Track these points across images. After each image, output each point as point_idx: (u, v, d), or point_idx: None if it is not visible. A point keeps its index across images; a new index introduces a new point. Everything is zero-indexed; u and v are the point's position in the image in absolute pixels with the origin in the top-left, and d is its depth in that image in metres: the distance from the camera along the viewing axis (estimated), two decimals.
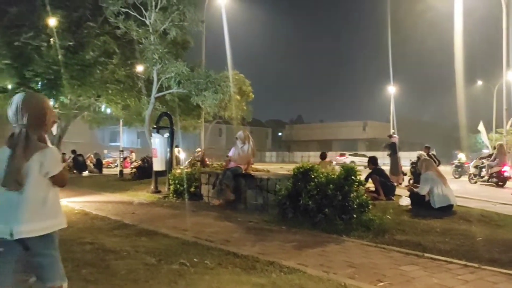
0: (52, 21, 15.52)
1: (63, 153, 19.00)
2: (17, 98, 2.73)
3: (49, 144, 2.85)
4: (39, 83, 16.20)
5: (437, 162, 13.40)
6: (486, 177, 15.39)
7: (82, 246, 4.60)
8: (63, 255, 2.95)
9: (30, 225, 2.65)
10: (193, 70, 14.12)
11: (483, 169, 15.78)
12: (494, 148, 16.44)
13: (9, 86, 16.25)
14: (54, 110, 2.97)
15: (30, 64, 15.77)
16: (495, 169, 15.12)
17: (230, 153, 9.06)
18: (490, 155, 16.17)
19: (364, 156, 34.97)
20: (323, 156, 13.76)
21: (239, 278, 3.61)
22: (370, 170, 9.82)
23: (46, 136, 2.85)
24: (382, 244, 5.12)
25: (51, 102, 15.30)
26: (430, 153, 14.39)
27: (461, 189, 11.90)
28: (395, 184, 11.34)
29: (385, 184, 9.37)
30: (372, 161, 10.29)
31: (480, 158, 16.86)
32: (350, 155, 44.39)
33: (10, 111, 2.73)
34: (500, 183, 14.74)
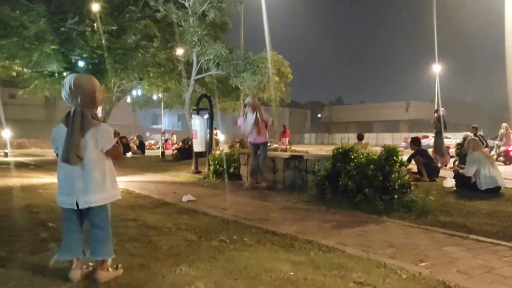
0: (96, 7, 15.90)
1: (124, 137, 19.66)
2: (69, 80, 2.91)
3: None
4: (84, 67, 16.73)
5: (484, 143, 12.95)
6: (495, 156, 15.58)
7: (125, 222, 4.76)
8: None
9: (93, 196, 2.89)
10: (232, 51, 14.15)
11: (493, 149, 16.15)
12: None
13: (56, 71, 16.86)
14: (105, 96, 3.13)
15: (75, 49, 16.30)
16: (502, 149, 15.70)
17: (239, 122, 8.84)
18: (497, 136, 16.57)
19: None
20: (360, 137, 13.63)
21: (278, 255, 3.63)
22: (413, 151, 9.58)
23: (97, 112, 3.02)
24: (424, 225, 4.99)
25: None
26: (478, 134, 13.86)
27: (509, 171, 11.40)
28: (440, 165, 11.01)
29: (428, 166, 9.11)
30: (415, 141, 10.02)
31: (491, 139, 17.15)
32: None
33: (64, 92, 2.91)
34: (507, 162, 15.19)
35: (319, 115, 78.54)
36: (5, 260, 3.36)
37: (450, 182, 8.05)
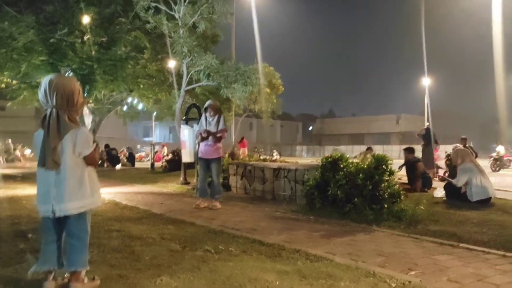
0: (86, 18, 15.84)
1: (114, 149, 19.49)
2: (45, 80, 2.78)
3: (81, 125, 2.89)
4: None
5: (474, 154, 12.96)
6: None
7: (109, 233, 4.62)
8: (89, 241, 2.96)
9: (69, 204, 2.74)
10: (223, 63, 14.12)
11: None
12: None
13: None
14: (87, 101, 2.99)
15: (64, 60, 16.15)
16: None
17: (196, 131, 7.55)
18: None
19: None
20: (368, 148, 13.95)
21: (264, 265, 3.52)
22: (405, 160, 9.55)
23: (77, 117, 2.87)
24: (414, 234, 4.91)
25: (85, 95, 15.71)
26: (467, 145, 13.88)
27: (500, 182, 11.39)
28: (432, 176, 10.98)
29: (421, 176, 9.06)
30: (410, 150, 9.95)
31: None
32: None
33: (40, 94, 2.79)
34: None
35: (310, 128, 78.73)
36: None
37: (440, 193, 7.98)
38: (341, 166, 6.27)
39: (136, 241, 4.29)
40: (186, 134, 10.12)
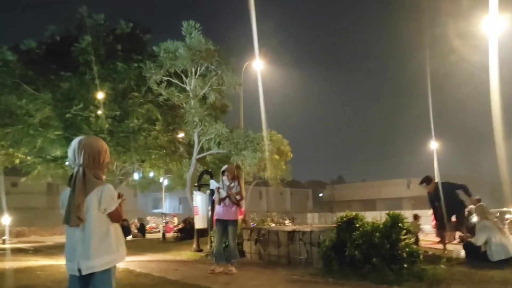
0: (100, 94, 16.53)
1: (125, 219, 19.43)
2: (75, 141, 2.93)
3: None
4: None
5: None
6: None
7: None
8: None
9: (95, 261, 2.76)
10: (232, 131, 14.49)
11: None
12: None
13: (60, 155, 17.09)
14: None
15: (79, 134, 16.62)
16: None
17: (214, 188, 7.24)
18: None
19: None
20: (415, 217, 13.32)
21: None
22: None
23: (103, 176, 2.97)
24: None
25: None
26: None
27: None
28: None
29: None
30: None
31: None
32: None
33: (69, 153, 2.92)
34: None
35: (320, 194, 78.06)
36: None
37: (460, 253, 7.82)
38: (357, 225, 6.24)
39: None
40: (199, 200, 10.18)
